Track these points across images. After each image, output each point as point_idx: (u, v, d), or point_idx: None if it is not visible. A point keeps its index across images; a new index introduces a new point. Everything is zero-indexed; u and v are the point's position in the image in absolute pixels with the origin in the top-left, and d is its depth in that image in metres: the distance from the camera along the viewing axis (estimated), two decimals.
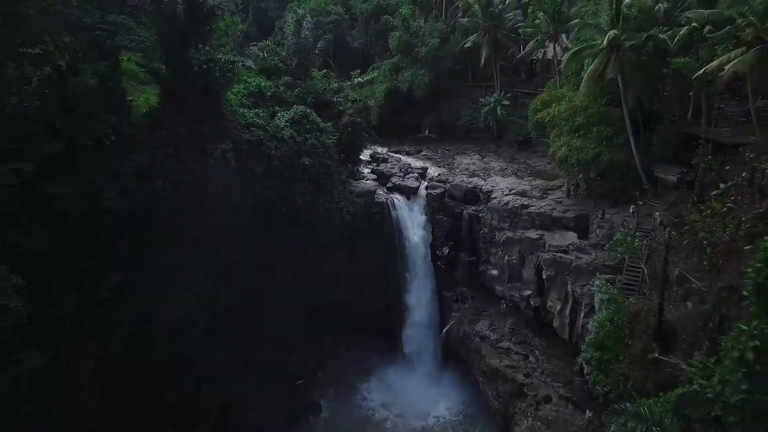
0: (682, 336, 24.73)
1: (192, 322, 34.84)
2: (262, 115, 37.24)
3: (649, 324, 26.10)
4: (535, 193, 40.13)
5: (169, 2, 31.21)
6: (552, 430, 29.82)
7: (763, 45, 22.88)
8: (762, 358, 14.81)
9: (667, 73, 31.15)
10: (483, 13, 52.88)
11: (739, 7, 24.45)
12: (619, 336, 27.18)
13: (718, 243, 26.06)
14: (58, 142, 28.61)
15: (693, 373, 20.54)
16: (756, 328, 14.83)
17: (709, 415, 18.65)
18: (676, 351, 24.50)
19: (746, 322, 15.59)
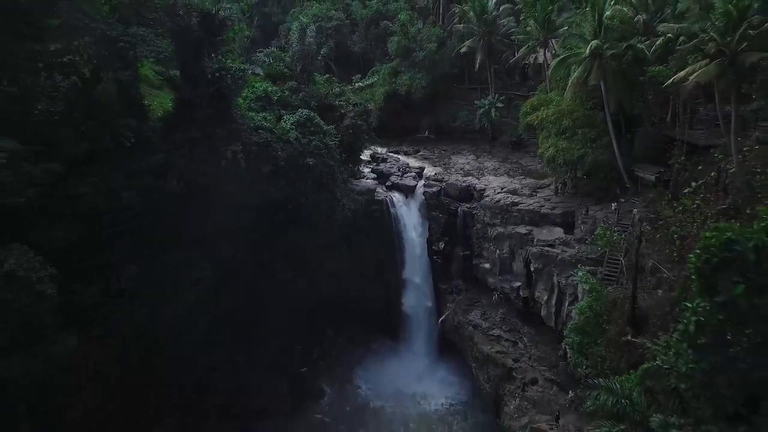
0: (652, 320, 27.32)
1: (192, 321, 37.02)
2: (269, 118, 39.78)
3: (624, 310, 28.67)
4: (525, 191, 42.73)
5: (184, 15, 33.80)
6: (537, 409, 32.39)
7: (724, 58, 25.39)
8: (703, 331, 17.34)
9: (644, 80, 33.63)
10: (478, 19, 55.41)
11: (702, 23, 27.05)
12: (597, 322, 29.72)
13: (687, 236, 28.59)
14: (84, 144, 31.19)
15: (657, 351, 23.05)
16: (698, 305, 17.37)
17: (669, 386, 21.22)
18: (647, 333, 27.06)
19: (690, 301, 18.15)
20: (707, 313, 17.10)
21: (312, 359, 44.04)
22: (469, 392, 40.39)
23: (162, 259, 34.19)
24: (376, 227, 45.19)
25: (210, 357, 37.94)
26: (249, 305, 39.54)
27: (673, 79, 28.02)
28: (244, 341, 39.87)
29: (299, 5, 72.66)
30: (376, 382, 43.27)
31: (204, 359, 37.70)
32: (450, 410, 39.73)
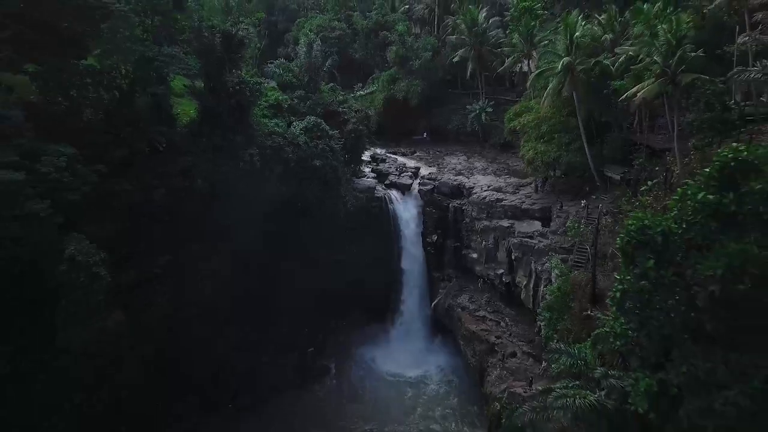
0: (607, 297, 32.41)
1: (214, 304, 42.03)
2: (281, 124, 44.81)
3: (586, 290, 33.78)
4: (509, 189, 47.83)
5: (209, 36, 38.82)
6: (515, 377, 37.44)
7: (666, 78, 30.38)
8: (627, 297, 22.39)
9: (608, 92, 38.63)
10: (469, 31, 60.40)
11: (649, 48, 32.02)
12: (564, 300, 34.73)
13: None
14: (123, 149, 36.29)
15: (605, 320, 28.16)
16: (623, 277, 22.43)
17: (612, 346, 26.31)
18: (603, 309, 32.16)
19: (620, 274, 23.22)
20: (629, 282, 22.19)
21: (318, 340, 49.05)
22: (458, 366, 45.54)
23: (187, 249, 39.36)
24: (376, 222, 50.23)
25: (228, 337, 43.00)
26: (262, 291, 44.59)
27: (626, 95, 33.06)
28: (258, 323, 44.86)
29: (304, 15, 77.59)
30: (376, 360, 48.35)
31: (223, 339, 42.74)
32: (441, 382, 44.91)
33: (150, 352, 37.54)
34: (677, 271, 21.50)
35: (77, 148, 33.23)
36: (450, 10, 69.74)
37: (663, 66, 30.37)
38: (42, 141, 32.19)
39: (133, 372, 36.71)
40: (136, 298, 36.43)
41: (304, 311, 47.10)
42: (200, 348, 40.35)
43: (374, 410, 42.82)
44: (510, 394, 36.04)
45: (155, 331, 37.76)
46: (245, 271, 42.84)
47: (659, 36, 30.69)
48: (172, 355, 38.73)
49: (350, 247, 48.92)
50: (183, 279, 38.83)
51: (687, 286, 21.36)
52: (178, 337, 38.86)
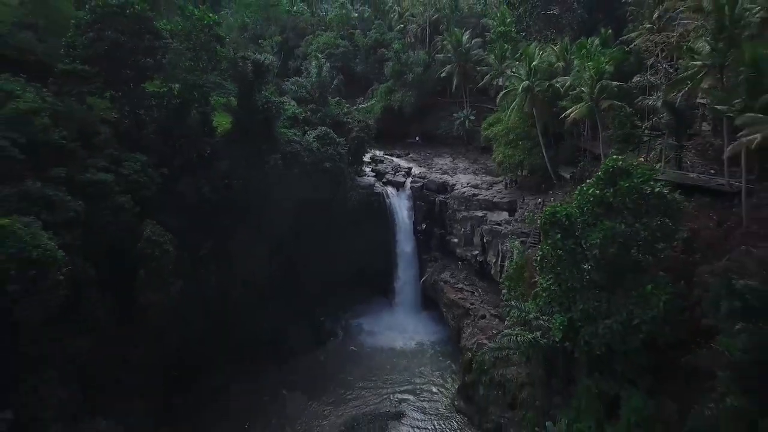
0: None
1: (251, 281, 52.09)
2: (297, 133, 55.06)
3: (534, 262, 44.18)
4: (484, 185, 58.31)
5: (243, 65, 49.10)
6: (483, 334, 47.77)
7: (591, 102, 40.73)
8: (545, 261, 32.81)
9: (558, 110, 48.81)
10: (454, 51, 70.64)
11: (579, 80, 42.35)
12: (520, 272, 45.15)
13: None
14: (180, 156, 46.69)
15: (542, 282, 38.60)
16: (543, 247, 32.87)
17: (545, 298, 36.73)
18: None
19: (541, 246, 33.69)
20: (546, 250, 32.69)
21: (329, 310, 59.50)
22: (441, 329, 56.16)
23: (229, 236, 49.63)
24: (376, 213, 60.55)
25: (260, 306, 53.10)
26: (288, 271, 54.88)
27: (564, 114, 43.48)
28: (283, 296, 55.09)
29: (311, 32, 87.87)
30: (376, 327, 58.83)
31: (256, 308, 52.78)
32: (428, 342, 55.59)
33: (200, 315, 47.77)
34: (576, 242, 32.00)
35: (146, 156, 43.86)
36: (439, 30, 79.96)
37: (588, 94, 40.75)
38: (123, 151, 42.73)
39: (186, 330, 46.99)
40: (191, 274, 46.46)
41: (318, 287, 57.40)
42: (238, 313, 50.57)
43: (370, 365, 53.19)
44: (479, 345, 46.58)
45: (205, 299, 48.03)
46: (275, 254, 53.14)
47: (586, 71, 41.09)
48: (216, 318, 49.02)
49: (355, 235, 58.81)
50: (227, 259, 49.08)
51: (582, 251, 31.87)
52: (222, 305, 49.22)
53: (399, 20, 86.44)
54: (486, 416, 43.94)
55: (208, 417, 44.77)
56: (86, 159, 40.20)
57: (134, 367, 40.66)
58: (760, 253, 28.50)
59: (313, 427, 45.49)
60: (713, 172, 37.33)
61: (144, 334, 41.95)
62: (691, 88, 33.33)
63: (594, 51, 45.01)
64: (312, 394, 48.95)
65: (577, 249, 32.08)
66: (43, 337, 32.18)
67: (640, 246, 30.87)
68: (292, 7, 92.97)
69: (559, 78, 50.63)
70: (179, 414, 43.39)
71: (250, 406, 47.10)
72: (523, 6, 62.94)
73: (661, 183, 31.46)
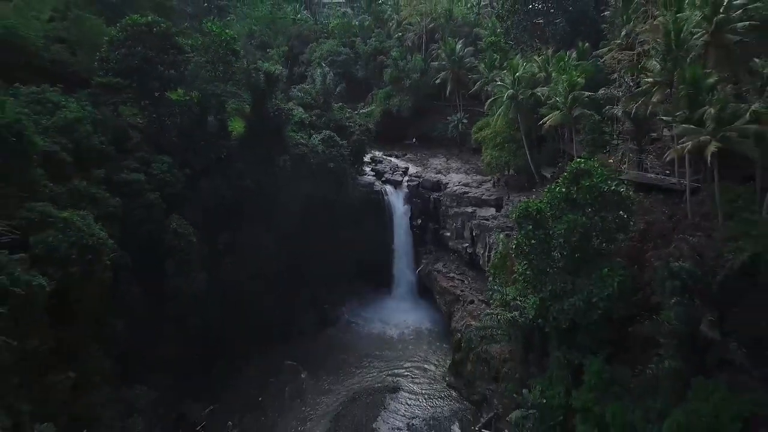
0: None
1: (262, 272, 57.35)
2: (304, 137, 60.54)
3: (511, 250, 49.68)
4: (474, 184, 63.87)
5: (255, 76, 54.59)
6: (472, 316, 53.19)
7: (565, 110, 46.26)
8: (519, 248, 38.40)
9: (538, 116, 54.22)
10: (448, 59, 76.07)
11: (553, 90, 47.91)
12: (504, 261, 50.64)
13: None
14: (200, 158, 52.20)
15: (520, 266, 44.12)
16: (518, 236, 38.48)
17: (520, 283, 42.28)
18: None
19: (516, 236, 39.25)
20: (520, 239, 38.28)
21: (333, 298, 65.04)
22: (435, 314, 61.79)
23: (243, 230, 55.07)
24: (375, 210, 66.09)
25: (272, 293, 58.47)
26: (296, 262, 60.29)
27: (543, 120, 49.04)
28: (293, 285, 60.57)
29: (314, 39, 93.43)
30: (375, 313, 64.44)
31: (269, 295, 58.03)
32: (423, 326, 61.30)
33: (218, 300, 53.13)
34: (545, 232, 37.54)
35: (171, 158, 49.43)
36: (435, 39, 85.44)
37: (562, 103, 46.31)
38: (151, 153, 48.31)
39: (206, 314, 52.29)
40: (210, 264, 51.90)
41: (323, 277, 62.96)
42: (251, 300, 55.85)
43: (370, 347, 58.71)
44: (467, 326, 52.17)
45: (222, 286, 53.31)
46: (283, 247, 58.47)
47: (561, 83, 46.65)
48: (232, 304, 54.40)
49: (356, 229, 64.26)
50: (241, 251, 54.42)
51: (550, 240, 37.44)
52: (237, 292, 54.55)
53: (397, 28, 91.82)
54: (473, 389, 49.57)
55: (226, 390, 50.35)
56: (121, 161, 45.95)
57: (163, 345, 46.17)
58: (695, 241, 34.07)
59: (319, 399, 51.07)
60: (668, 173, 42.84)
61: (171, 317, 47.44)
62: (645, 101, 38.83)
63: (569, 64, 50.49)
64: (317, 372, 54.51)
65: (547, 238, 37.66)
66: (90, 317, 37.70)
67: (599, 235, 36.56)
68: (296, 15, 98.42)
69: (540, 87, 56.06)
70: (201, 386, 48.88)
71: (262, 381, 52.73)
72: (510, 19, 68.26)
73: (617, 182, 37.07)
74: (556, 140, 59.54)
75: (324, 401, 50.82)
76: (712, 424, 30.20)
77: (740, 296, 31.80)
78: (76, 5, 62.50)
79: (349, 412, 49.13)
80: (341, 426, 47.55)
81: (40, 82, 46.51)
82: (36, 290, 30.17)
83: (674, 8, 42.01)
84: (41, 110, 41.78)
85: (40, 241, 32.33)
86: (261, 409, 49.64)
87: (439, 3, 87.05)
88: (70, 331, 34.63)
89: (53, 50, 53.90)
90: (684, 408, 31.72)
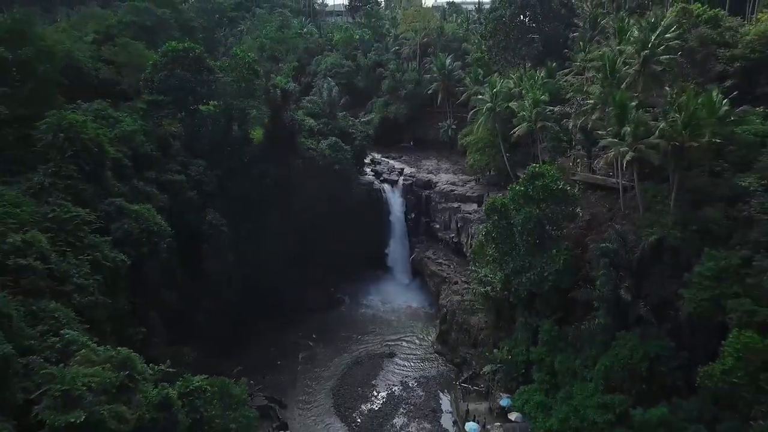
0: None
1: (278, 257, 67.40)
2: (314, 143, 70.49)
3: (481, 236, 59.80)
4: (460, 183, 73.99)
5: (273, 92, 64.61)
6: (456, 294, 63.38)
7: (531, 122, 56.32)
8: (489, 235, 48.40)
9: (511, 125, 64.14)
10: (439, 72, 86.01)
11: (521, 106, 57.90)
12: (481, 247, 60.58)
13: None
14: (229, 161, 62.19)
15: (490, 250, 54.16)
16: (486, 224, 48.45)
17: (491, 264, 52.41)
18: None
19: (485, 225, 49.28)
20: (489, 227, 48.37)
21: (338, 280, 75.08)
22: (425, 294, 71.99)
23: (263, 222, 64.96)
24: (375, 205, 76.14)
25: (287, 276, 68.45)
26: (307, 250, 70.15)
27: (513, 131, 59.13)
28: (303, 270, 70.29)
29: (319, 53, 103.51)
30: (374, 296, 74.54)
31: (284, 277, 68.02)
32: (415, 304, 71.56)
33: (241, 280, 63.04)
34: (508, 222, 47.61)
35: (205, 161, 59.45)
36: (427, 53, 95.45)
37: (528, 117, 56.40)
38: (188, 157, 58.32)
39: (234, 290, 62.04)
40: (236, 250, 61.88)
41: (330, 263, 72.88)
42: (269, 281, 65.93)
43: (370, 321, 68.99)
44: (450, 302, 62.36)
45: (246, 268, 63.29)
46: (297, 236, 68.41)
47: (527, 99, 56.71)
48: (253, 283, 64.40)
49: (358, 222, 74.05)
50: (261, 239, 64.41)
51: (512, 227, 47.47)
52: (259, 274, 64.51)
53: (394, 42, 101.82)
54: (456, 353, 59.69)
55: (251, 353, 60.29)
56: (165, 164, 55.88)
57: (202, 315, 56.17)
58: (620, 228, 44.18)
59: (327, 363, 61.13)
60: (611, 175, 52.80)
61: (207, 293, 57.41)
62: (588, 118, 48.86)
63: (536, 84, 60.55)
64: (325, 342, 64.68)
65: (509, 227, 47.79)
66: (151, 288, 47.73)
67: (550, 224, 46.68)
68: (302, 30, 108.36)
69: (514, 101, 65.97)
70: (231, 350, 58.87)
71: (279, 348, 62.86)
72: (492, 39, 78.15)
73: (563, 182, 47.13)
74: (529, 145, 69.51)
75: (332, 365, 60.89)
76: (628, 363, 40.39)
77: (650, 269, 42.03)
78: (115, 28, 72.89)
79: (353, 373, 59.28)
80: (346, 383, 57.64)
81: (91, 98, 56.45)
82: (119, 264, 40.21)
83: (618, 40, 52.37)
84: (105, 124, 51.65)
85: (118, 227, 42.34)
86: (279, 371, 59.79)
87: (432, 20, 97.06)
88: (139, 299, 44.66)
89: (102, 70, 63.85)
90: (609, 354, 42.01)
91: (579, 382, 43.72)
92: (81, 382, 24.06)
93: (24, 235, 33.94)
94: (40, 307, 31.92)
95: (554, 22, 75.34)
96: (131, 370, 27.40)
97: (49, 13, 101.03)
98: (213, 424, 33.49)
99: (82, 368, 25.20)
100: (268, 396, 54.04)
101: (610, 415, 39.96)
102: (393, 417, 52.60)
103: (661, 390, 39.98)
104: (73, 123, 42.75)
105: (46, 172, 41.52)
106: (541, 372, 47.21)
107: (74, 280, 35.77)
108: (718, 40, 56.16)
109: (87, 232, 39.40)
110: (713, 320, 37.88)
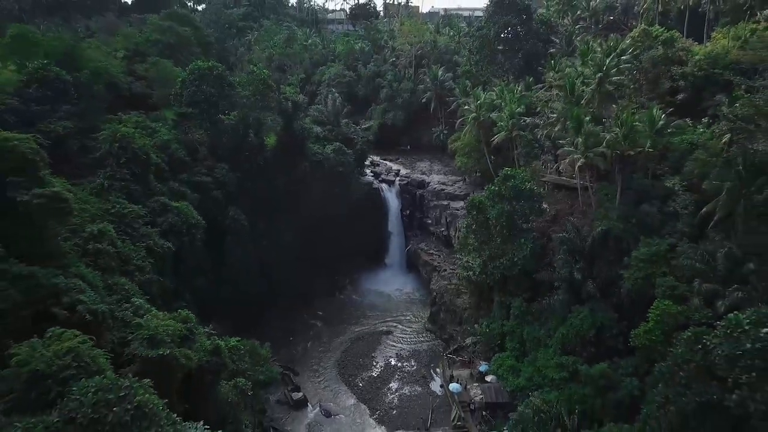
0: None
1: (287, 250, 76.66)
2: (320, 148, 79.62)
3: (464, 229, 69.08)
4: (449, 182, 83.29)
5: (285, 103, 73.85)
6: (445, 280, 72.65)
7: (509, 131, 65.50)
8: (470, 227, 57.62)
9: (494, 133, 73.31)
10: (432, 83, 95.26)
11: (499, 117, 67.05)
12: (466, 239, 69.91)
13: None
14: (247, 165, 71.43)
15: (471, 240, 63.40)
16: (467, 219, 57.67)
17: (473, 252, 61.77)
18: None
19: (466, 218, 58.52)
20: (470, 220, 57.64)
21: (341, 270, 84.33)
22: (419, 282, 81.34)
23: (276, 218, 74.33)
24: (374, 203, 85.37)
25: (296, 265, 77.65)
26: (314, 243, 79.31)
27: (493, 138, 68.40)
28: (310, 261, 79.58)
29: (322, 63, 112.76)
30: (374, 283, 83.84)
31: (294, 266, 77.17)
32: (410, 291, 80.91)
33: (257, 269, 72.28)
34: (484, 216, 56.84)
35: (227, 165, 68.75)
36: (422, 64, 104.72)
37: (505, 126, 65.66)
38: (213, 161, 67.63)
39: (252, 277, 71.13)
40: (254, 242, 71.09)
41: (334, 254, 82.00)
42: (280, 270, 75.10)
43: (370, 306, 78.32)
44: (440, 287, 71.70)
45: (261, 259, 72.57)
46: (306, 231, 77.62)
47: (504, 111, 65.97)
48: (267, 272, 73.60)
49: (359, 217, 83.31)
50: (273, 233, 73.70)
51: (488, 221, 56.71)
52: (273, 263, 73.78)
53: (392, 54, 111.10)
54: (444, 331, 69.00)
55: (266, 332, 69.41)
56: (194, 168, 65.15)
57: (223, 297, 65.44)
58: (577, 221, 53.50)
59: (333, 339, 70.48)
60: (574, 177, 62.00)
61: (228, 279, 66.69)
62: (551, 129, 58.11)
63: (514, 97, 69.82)
64: (331, 322, 74.05)
65: (486, 220, 57.07)
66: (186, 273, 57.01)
67: (519, 218, 55.97)
68: (307, 41, 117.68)
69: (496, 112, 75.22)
70: (249, 329, 67.93)
71: (291, 327, 72.18)
72: (479, 54, 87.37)
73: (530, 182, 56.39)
74: (510, 150, 78.82)
75: (336, 340, 70.25)
76: (580, 331, 49.64)
77: (599, 254, 51.28)
78: (143, 46, 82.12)
79: (355, 347, 68.66)
80: (349, 355, 66.99)
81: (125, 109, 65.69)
82: (166, 250, 49.52)
83: (580, 62, 61.65)
84: (143, 134, 60.92)
85: (164, 220, 51.67)
86: (292, 345, 69.17)
87: (426, 34, 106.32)
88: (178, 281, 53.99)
89: (135, 85, 73.12)
90: (566, 324, 51.28)
91: (542, 349, 53.00)
92: (162, 329, 33.38)
93: (98, 225, 43.25)
94: (114, 281, 41.28)
95: (534, 39, 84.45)
96: (190, 324, 36.72)
97: (68, 23, 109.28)
98: (246, 374, 43.03)
99: (158, 320, 34.50)
100: (283, 365, 63.31)
101: (565, 372, 49.20)
102: (389, 382, 61.91)
103: (606, 352, 49.17)
104: (125, 135, 52.09)
105: (105, 175, 50.78)
106: (512, 341, 56.45)
107: (134, 261, 45.15)
108: (672, 58, 65.29)
109: (141, 224, 48.71)
110: (647, 295, 46.90)
